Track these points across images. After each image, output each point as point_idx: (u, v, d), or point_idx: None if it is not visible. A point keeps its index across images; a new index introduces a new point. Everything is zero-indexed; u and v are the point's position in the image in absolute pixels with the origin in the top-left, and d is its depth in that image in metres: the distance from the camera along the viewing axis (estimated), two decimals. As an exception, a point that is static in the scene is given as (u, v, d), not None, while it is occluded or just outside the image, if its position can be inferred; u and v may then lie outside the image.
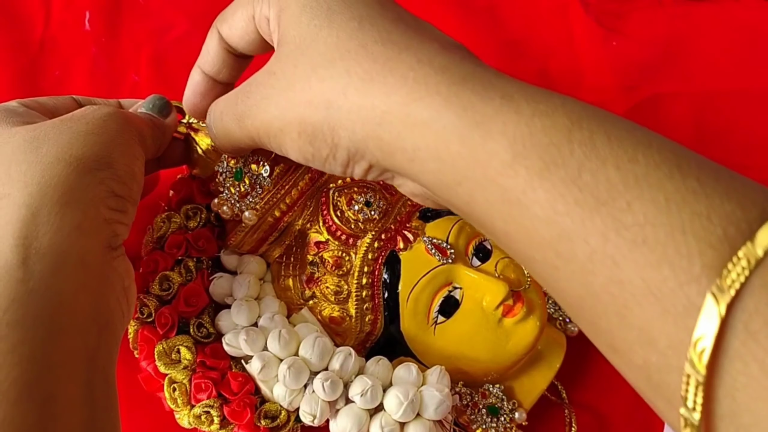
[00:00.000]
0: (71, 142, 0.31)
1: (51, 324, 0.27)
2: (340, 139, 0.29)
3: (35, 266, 0.27)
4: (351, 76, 0.28)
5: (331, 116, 0.28)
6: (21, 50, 0.61)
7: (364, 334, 0.42)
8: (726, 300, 0.20)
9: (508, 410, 0.42)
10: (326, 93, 0.28)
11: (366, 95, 0.27)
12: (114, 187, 0.31)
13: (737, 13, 0.65)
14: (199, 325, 0.42)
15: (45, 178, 0.29)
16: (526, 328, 0.41)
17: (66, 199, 0.29)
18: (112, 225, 0.32)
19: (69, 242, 0.29)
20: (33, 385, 0.26)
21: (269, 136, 0.32)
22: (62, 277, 0.28)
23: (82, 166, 0.30)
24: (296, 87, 0.29)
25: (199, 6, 0.64)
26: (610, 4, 0.65)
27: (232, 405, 0.40)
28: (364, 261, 0.41)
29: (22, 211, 0.28)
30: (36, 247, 0.28)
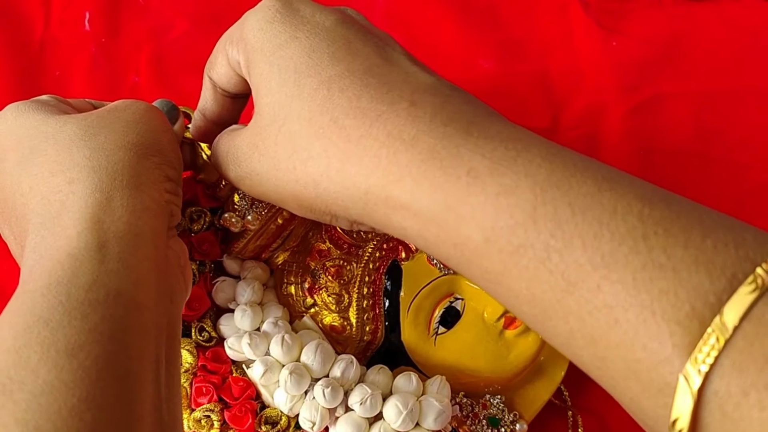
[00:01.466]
0: (125, 130, 0.32)
1: (129, 302, 0.28)
2: (336, 211, 0.30)
3: (114, 248, 0.28)
4: (330, 158, 0.28)
5: (321, 195, 0.29)
6: (21, 50, 0.61)
7: (365, 343, 0.42)
8: (696, 382, 0.20)
9: (509, 422, 0.42)
10: (311, 174, 0.29)
11: (347, 176, 0.28)
12: (167, 171, 0.33)
13: (737, 13, 0.65)
14: (200, 328, 0.42)
15: (111, 163, 0.30)
16: (527, 341, 0.41)
17: (134, 183, 0.30)
18: (170, 206, 0.33)
19: (142, 223, 0.30)
20: (112, 362, 0.26)
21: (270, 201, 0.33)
22: (139, 257, 0.29)
23: (141, 151, 0.32)
24: (281, 167, 0.30)
25: (199, 6, 0.64)
26: (610, 4, 0.65)
27: (232, 410, 0.40)
28: (366, 270, 0.41)
29: (96, 195, 0.29)
30: (114, 230, 0.29)
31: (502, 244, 0.24)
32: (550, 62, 0.63)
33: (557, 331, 0.24)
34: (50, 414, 0.24)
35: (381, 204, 0.27)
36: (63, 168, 0.30)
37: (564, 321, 0.23)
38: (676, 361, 0.21)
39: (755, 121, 0.60)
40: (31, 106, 0.34)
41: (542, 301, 0.24)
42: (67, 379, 0.25)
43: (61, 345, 0.26)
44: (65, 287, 0.27)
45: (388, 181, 0.27)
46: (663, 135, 0.59)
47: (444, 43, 0.63)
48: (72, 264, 0.28)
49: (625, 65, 0.62)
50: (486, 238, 0.25)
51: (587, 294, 0.22)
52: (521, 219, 0.24)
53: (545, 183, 0.24)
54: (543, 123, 0.60)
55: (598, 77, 0.62)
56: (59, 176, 0.30)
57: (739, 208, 0.56)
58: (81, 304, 0.27)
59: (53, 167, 0.30)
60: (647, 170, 0.57)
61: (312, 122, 0.29)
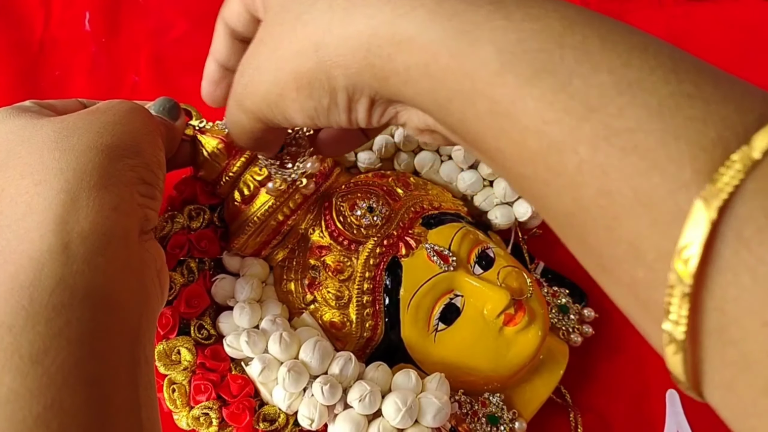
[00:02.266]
0: (100, 131, 0.31)
1: (96, 305, 0.27)
2: (336, 80, 0.28)
3: (78, 248, 0.28)
4: (333, 10, 0.27)
5: (322, 59, 0.27)
6: (21, 50, 0.61)
7: (365, 339, 0.42)
8: (716, 204, 0.19)
9: (508, 420, 0.42)
10: (312, 36, 0.27)
11: (350, 24, 0.26)
12: (143, 174, 0.32)
13: (737, 13, 0.65)
14: (199, 326, 0.42)
15: (80, 164, 0.30)
16: (527, 338, 0.41)
17: (102, 183, 0.30)
18: (144, 209, 0.32)
19: (110, 223, 0.29)
20: (80, 367, 0.26)
21: (271, 106, 0.30)
22: (106, 257, 0.28)
23: (114, 153, 0.31)
24: (284, 43, 0.29)
25: (199, 6, 0.64)
26: (610, 4, 0.65)
27: (231, 407, 0.40)
28: (366, 266, 0.41)
29: (61, 196, 0.29)
30: (78, 230, 0.28)
31: (521, 68, 0.22)
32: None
33: (564, 164, 0.22)
34: (15, 423, 0.24)
35: (385, 44, 0.25)
36: (32, 170, 0.30)
37: (574, 151, 0.22)
38: (694, 186, 0.19)
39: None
40: (12, 112, 0.33)
41: (552, 132, 0.22)
42: (32, 386, 0.24)
43: (25, 351, 0.25)
44: (27, 291, 0.26)
45: (395, 15, 0.25)
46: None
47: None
48: (34, 267, 0.27)
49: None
50: (503, 62, 0.23)
51: (607, 119, 0.21)
52: (545, 44, 0.22)
53: (576, 17, 0.23)
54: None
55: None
56: (28, 178, 0.30)
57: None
58: (44, 308, 0.26)
59: (24, 169, 0.30)
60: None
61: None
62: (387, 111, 0.29)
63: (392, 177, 0.45)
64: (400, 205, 0.42)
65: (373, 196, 0.42)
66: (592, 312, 0.48)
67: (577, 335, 0.47)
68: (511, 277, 0.42)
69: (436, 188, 0.46)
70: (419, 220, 0.42)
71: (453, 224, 0.43)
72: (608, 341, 0.50)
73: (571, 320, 0.47)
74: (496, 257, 0.42)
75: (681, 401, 0.48)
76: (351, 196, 0.42)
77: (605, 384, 0.49)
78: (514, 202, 0.48)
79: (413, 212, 0.43)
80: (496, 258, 0.42)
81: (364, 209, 0.41)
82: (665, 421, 0.48)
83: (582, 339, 0.47)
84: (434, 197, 0.45)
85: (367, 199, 0.42)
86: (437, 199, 0.45)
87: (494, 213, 0.47)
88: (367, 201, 0.42)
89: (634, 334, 0.52)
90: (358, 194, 0.42)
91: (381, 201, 0.42)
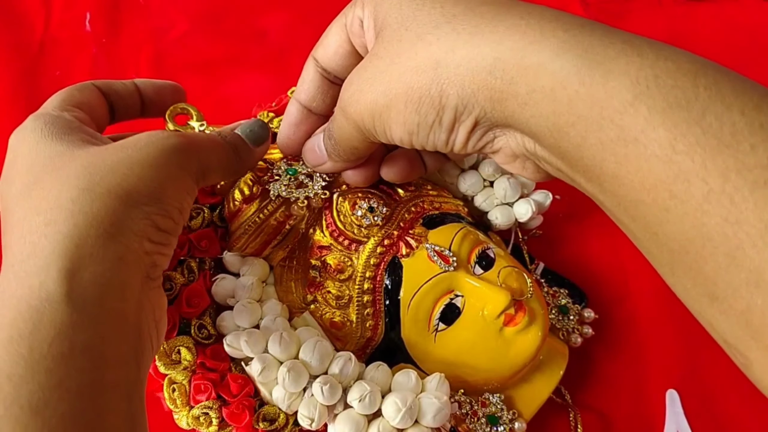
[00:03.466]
0: (126, 174, 0.31)
1: (95, 357, 0.27)
2: (447, 98, 0.29)
3: (78, 298, 0.27)
4: (458, 33, 0.28)
5: (440, 75, 0.28)
6: (21, 50, 0.62)
7: (365, 339, 0.42)
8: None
9: (508, 420, 0.42)
10: (434, 54, 0.28)
11: (475, 47, 0.27)
12: (159, 222, 0.32)
13: (737, 13, 0.65)
14: (200, 326, 0.42)
15: (93, 209, 0.29)
16: (527, 338, 0.41)
17: (111, 232, 0.29)
18: (152, 256, 0.32)
19: (111, 274, 0.29)
20: (80, 420, 0.26)
21: (374, 116, 0.32)
22: (105, 310, 0.28)
23: (132, 200, 0.30)
24: (402, 58, 0.30)
25: (199, 6, 0.64)
26: (610, 4, 0.65)
27: (231, 407, 0.40)
28: (366, 266, 0.41)
29: (66, 243, 0.28)
30: (79, 280, 0.28)
31: (655, 100, 0.24)
32: (550, 62, 0.63)
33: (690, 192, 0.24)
34: None
35: (510, 68, 0.27)
36: (47, 207, 0.30)
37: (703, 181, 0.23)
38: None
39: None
40: (54, 131, 0.33)
41: (683, 160, 0.23)
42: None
43: (25, 401, 0.25)
44: (27, 340, 0.26)
45: (525, 43, 0.26)
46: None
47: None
48: (33, 316, 0.27)
49: (625, 65, 0.62)
50: (637, 93, 0.24)
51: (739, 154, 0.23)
52: (680, 82, 0.24)
53: (705, 62, 0.25)
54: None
55: (598, 77, 0.62)
56: (41, 216, 0.29)
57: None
58: (44, 359, 0.26)
59: (40, 205, 0.30)
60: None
61: (444, 13, 0.29)
62: (486, 135, 0.31)
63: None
64: (400, 205, 0.43)
65: (374, 197, 0.42)
66: (592, 313, 0.48)
67: (576, 336, 0.47)
68: (511, 278, 0.42)
69: (436, 188, 0.46)
70: (420, 220, 0.42)
71: (453, 224, 0.43)
72: (608, 342, 0.50)
73: (571, 321, 0.47)
74: (496, 257, 0.42)
75: (681, 401, 0.48)
76: (351, 196, 0.42)
77: (605, 384, 0.49)
78: (514, 202, 0.48)
79: (414, 212, 0.43)
80: (497, 258, 0.42)
81: (365, 209, 0.41)
82: (665, 421, 0.48)
83: (582, 339, 0.47)
84: (435, 197, 0.45)
85: (368, 199, 0.42)
86: (438, 200, 0.45)
87: (494, 213, 0.47)
88: (367, 201, 0.42)
89: (634, 334, 0.52)
90: (359, 194, 0.42)
91: (381, 201, 0.42)
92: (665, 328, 0.51)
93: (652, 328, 0.51)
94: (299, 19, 0.65)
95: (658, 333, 0.51)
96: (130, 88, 0.40)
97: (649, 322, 0.51)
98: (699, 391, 0.49)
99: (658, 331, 0.51)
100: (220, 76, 0.62)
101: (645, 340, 0.50)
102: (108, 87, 0.40)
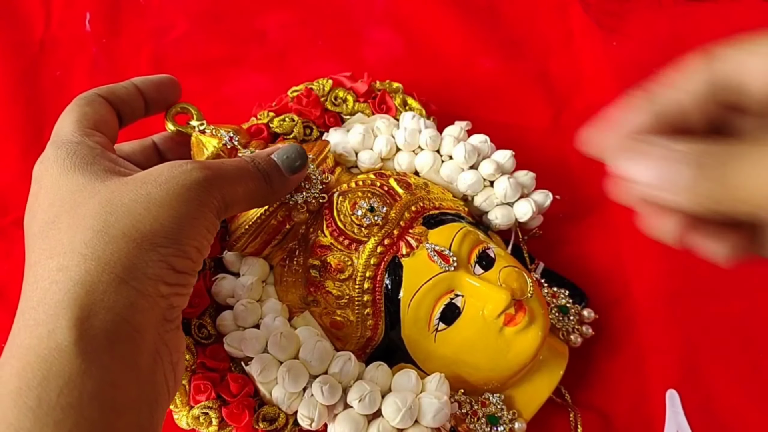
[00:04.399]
0: (143, 214, 0.30)
1: (105, 405, 0.27)
2: None
3: (88, 346, 0.27)
4: None
5: None
6: (22, 50, 0.62)
7: (365, 339, 0.42)
8: None
9: (508, 420, 0.42)
10: None
11: None
12: (176, 263, 0.31)
13: (737, 13, 0.65)
14: (200, 326, 0.42)
15: (106, 253, 0.29)
16: (527, 338, 0.41)
17: (123, 276, 0.29)
18: (168, 299, 0.31)
19: (121, 320, 0.28)
20: None
21: None
22: (115, 357, 0.28)
23: (147, 242, 0.30)
24: None
25: (199, 6, 0.64)
26: (610, 4, 0.65)
27: (230, 407, 0.40)
28: (367, 266, 0.41)
29: (77, 289, 0.28)
30: (88, 328, 0.27)
31: None
32: (550, 62, 0.63)
33: None
34: None
35: None
36: (62, 250, 0.29)
37: None
38: None
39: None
40: (77, 161, 0.33)
41: None
42: None
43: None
44: (35, 391, 0.26)
45: None
46: (662, 135, 0.59)
47: (445, 43, 0.64)
48: (42, 366, 0.26)
49: (625, 65, 0.62)
50: None
51: None
52: None
53: None
54: (543, 123, 0.60)
55: (598, 77, 0.62)
56: (55, 260, 0.29)
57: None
58: (53, 410, 0.26)
59: (56, 247, 0.29)
60: (647, 170, 0.57)
61: None
62: None
63: (393, 177, 0.45)
64: (400, 205, 0.42)
65: (374, 196, 0.42)
66: (592, 313, 0.48)
67: (576, 336, 0.47)
68: (511, 278, 0.41)
69: (436, 188, 0.46)
70: (420, 220, 0.42)
71: (454, 224, 0.43)
72: (608, 342, 0.50)
73: (571, 321, 0.47)
74: (496, 257, 0.42)
75: (681, 401, 0.48)
76: (352, 196, 0.42)
77: (605, 384, 0.49)
78: (514, 202, 0.48)
79: (414, 212, 0.42)
80: (497, 258, 0.42)
81: (365, 209, 0.41)
82: (665, 421, 0.48)
83: (582, 340, 0.47)
84: (435, 197, 0.45)
85: (368, 199, 0.42)
86: (438, 199, 0.45)
87: (494, 213, 0.47)
88: (367, 201, 0.42)
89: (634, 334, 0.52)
90: (359, 194, 0.42)
91: (382, 201, 0.42)
92: (665, 328, 0.51)
93: (652, 328, 0.51)
94: (299, 19, 0.65)
95: (658, 333, 0.51)
96: (132, 90, 0.40)
97: (649, 322, 0.51)
98: (699, 391, 0.49)
99: (658, 331, 0.51)
100: (220, 76, 0.61)
101: (645, 340, 0.50)
102: (112, 94, 0.39)
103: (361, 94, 0.52)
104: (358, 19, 0.65)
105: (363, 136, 0.47)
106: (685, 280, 0.52)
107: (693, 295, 0.52)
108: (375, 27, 0.65)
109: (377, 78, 0.54)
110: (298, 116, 0.49)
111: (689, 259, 0.54)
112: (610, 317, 0.51)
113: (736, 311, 0.52)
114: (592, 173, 0.57)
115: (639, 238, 0.54)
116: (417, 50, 0.64)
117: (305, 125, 0.49)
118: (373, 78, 0.53)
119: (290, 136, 0.49)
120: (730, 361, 0.50)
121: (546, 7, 0.65)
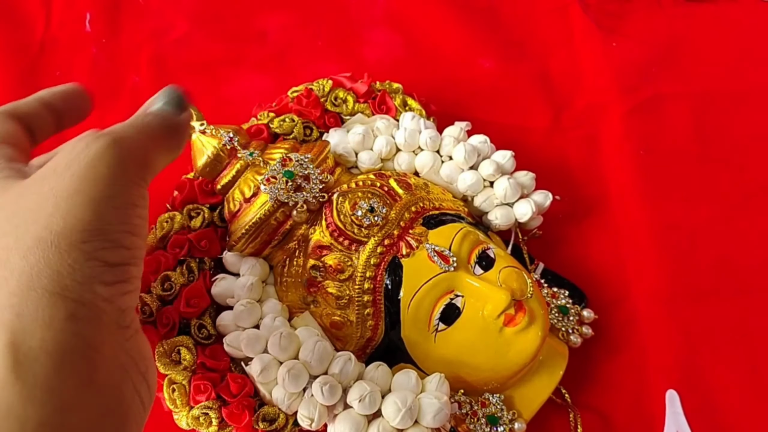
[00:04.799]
0: (52, 213, 0.26)
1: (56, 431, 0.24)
2: None
3: (28, 371, 0.24)
4: None
5: None
6: (22, 51, 0.62)
7: (365, 339, 0.42)
8: None
9: (508, 420, 0.42)
10: None
11: None
12: (107, 256, 0.27)
13: (737, 14, 0.65)
14: (200, 326, 0.42)
15: (27, 266, 0.25)
16: (527, 338, 0.41)
17: (52, 288, 0.25)
18: (114, 301, 0.27)
19: (63, 336, 0.25)
20: None
21: None
22: (64, 378, 0.25)
23: (66, 241, 0.26)
24: None
25: (199, 6, 0.64)
26: (609, 5, 0.65)
27: (230, 407, 0.40)
28: (367, 266, 0.41)
29: (4, 315, 0.25)
30: (26, 351, 0.24)
31: None
32: (550, 62, 0.63)
33: None
34: None
35: None
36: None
37: None
38: None
39: (755, 122, 0.60)
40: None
41: None
42: None
43: None
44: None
45: None
46: (663, 135, 0.59)
47: (445, 43, 0.64)
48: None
49: (624, 66, 0.62)
50: None
51: None
52: None
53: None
54: (543, 123, 0.60)
55: (598, 77, 0.62)
56: None
57: (739, 208, 0.56)
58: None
59: None
60: (647, 170, 0.57)
61: None
62: None
63: (393, 177, 0.45)
64: (400, 206, 0.42)
65: (374, 196, 0.42)
66: (592, 313, 0.48)
67: (576, 336, 0.47)
68: (511, 278, 0.41)
69: (436, 189, 0.46)
70: (420, 220, 0.42)
71: (453, 224, 0.43)
72: (608, 342, 0.50)
73: (571, 321, 0.47)
74: (496, 258, 0.42)
75: (681, 401, 0.48)
76: (352, 196, 0.42)
77: (605, 384, 0.49)
78: (514, 203, 0.48)
79: (414, 212, 0.42)
80: (497, 258, 0.42)
81: (365, 209, 0.41)
82: (665, 421, 0.48)
83: (582, 340, 0.47)
84: (435, 198, 0.45)
85: (368, 199, 0.42)
86: (438, 200, 0.45)
87: (494, 214, 0.47)
88: (367, 201, 0.42)
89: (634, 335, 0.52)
90: (359, 194, 0.42)
91: (382, 201, 0.42)
92: (665, 328, 0.51)
93: (652, 328, 0.51)
94: (299, 19, 0.65)
95: (658, 333, 0.51)
96: (35, 105, 0.35)
97: (649, 322, 0.51)
98: (699, 392, 0.49)
99: (658, 331, 0.51)
100: (220, 77, 0.62)
101: (645, 340, 0.50)
102: (15, 109, 0.34)
103: (361, 95, 0.52)
104: (358, 19, 0.65)
105: (363, 137, 0.47)
106: (685, 280, 0.53)
107: (693, 295, 0.52)
108: (375, 27, 0.65)
109: (377, 78, 0.54)
110: (298, 117, 0.49)
111: (689, 259, 0.54)
112: (610, 318, 0.51)
113: (736, 311, 0.52)
114: (592, 173, 0.58)
115: (639, 238, 0.54)
116: (417, 50, 0.64)
117: (305, 126, 0.49)
118: (373, 78, 0.53)
119: (290, 136, 0.49)
120: (730, 362, 0.50)
121: (546, 7, 0.66)
